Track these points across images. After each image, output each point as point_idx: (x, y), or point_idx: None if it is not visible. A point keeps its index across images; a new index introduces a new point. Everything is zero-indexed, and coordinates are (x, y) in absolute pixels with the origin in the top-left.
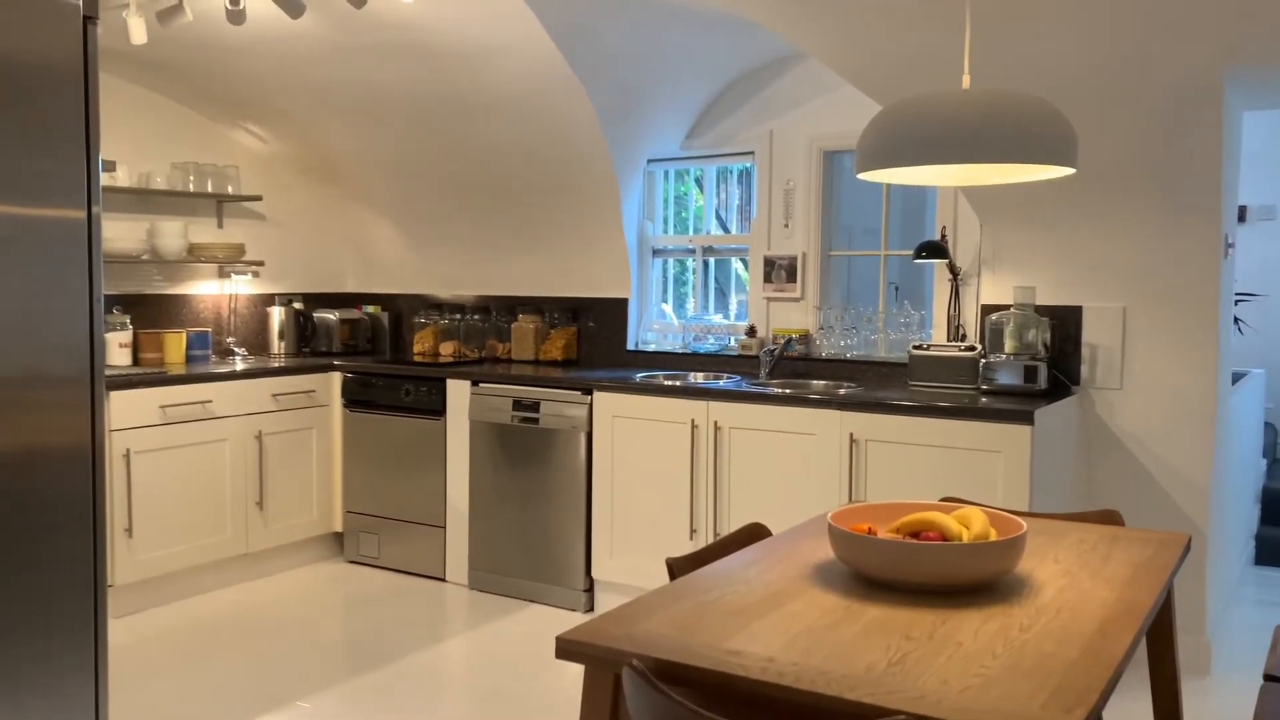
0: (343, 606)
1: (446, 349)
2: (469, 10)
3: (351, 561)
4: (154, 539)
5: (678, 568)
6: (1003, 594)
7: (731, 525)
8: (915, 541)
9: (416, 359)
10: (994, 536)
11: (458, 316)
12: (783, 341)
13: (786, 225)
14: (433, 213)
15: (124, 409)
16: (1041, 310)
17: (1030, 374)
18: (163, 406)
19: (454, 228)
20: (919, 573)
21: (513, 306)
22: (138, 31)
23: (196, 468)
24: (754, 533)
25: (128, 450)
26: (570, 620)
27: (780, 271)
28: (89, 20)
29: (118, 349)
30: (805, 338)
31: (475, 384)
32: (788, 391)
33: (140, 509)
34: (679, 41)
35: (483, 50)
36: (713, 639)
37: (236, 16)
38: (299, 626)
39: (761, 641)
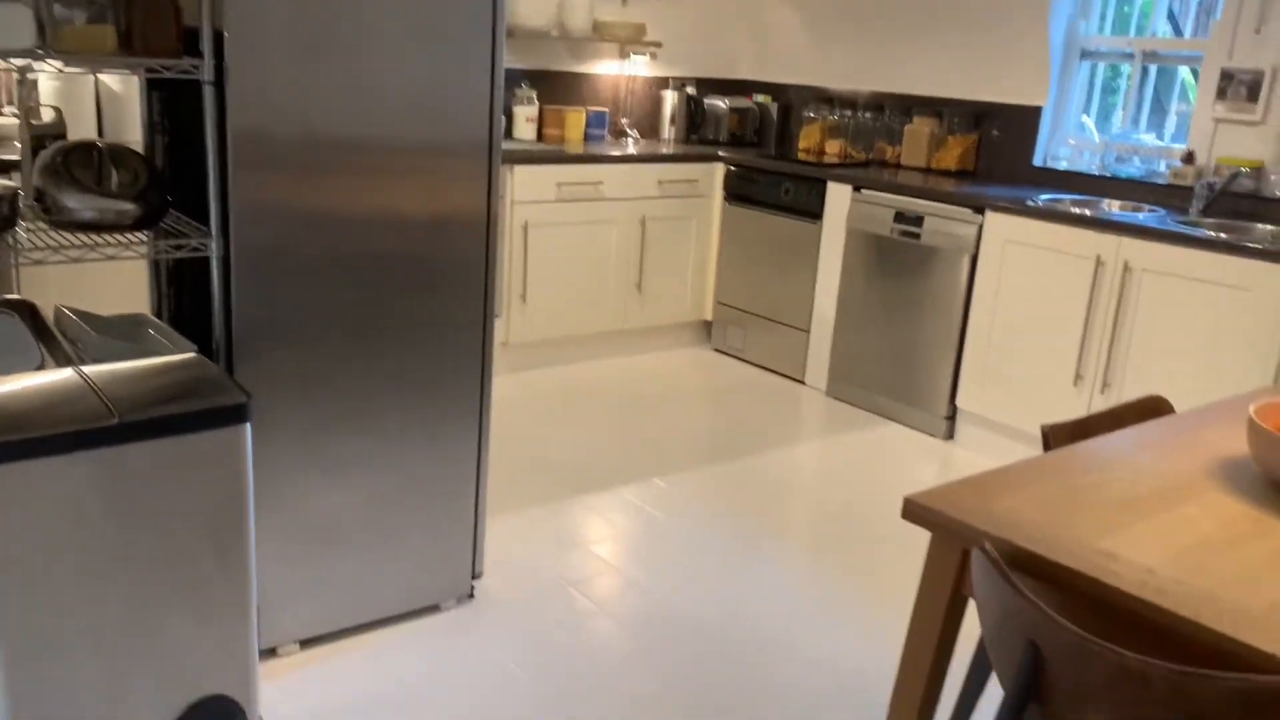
0: (705, 393)
1: (832, 148)
2: None
3: (717, 350)
4: (544, 306)
5: (1054, 437)
6: None
7: (1124, 382)
8: None
9: (800, 156)
10: None
11: (848, 113)
12: (1228, 173)
13: (1258, 30)
14: None
15: (526, 183)
16: None
17: None
18: (559, 184)
19: (856, 14)
20: None
21: (908, 107)
22: None
23: (585, 246)
24: (1152, 407)
25: (526, 223)
26: (927, 445)
27: (1239, 88)
28: None
29: (524, 123)
30: (1258, 172)
31: (857, 189)
32: (1222, 235)
33: (534, 278)
34: None
35: None
36: (1083, 533)
37: None
38: (663, 406)
39: (1142, 547)
